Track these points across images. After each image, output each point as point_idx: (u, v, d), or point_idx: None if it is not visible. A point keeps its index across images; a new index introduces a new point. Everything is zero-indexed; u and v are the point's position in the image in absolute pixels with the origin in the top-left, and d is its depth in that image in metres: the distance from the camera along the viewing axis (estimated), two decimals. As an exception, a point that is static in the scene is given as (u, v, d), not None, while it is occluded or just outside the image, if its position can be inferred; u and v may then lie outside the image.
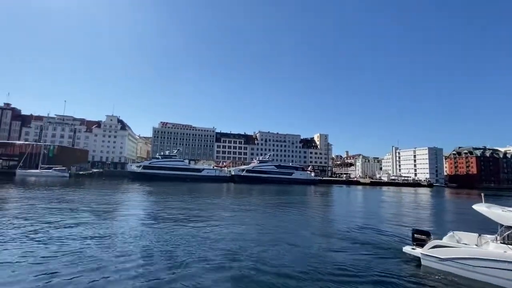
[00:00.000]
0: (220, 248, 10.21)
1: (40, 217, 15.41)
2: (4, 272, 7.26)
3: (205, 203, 25.91)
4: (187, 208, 21.31)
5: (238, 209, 22.37)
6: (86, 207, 19.94)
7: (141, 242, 10.82)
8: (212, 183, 65.18)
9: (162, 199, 28.60)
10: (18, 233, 11.60)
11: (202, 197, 31.84)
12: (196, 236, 11.96)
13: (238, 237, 12.26)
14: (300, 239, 12.58)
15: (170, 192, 36.78)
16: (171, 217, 16.88)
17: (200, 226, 14.46)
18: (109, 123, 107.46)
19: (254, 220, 17.09)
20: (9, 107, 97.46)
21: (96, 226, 13.71)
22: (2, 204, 20.39)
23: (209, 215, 18.22)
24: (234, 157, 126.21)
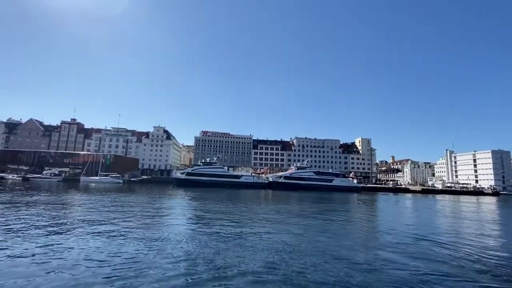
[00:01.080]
0: (260, 257, 10.04)
1: (99, 220, 17.20)
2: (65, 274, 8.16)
3: (244, 209, 26.22)
4: (227, 214, 21.79)
5: (277, 216, 22.16)
6: (137, 211, 21.67)
7: (185, 246, 11.25)
8: (250, 190, 65.96)
9: (204, 204, 29.74)
10: (80, 234, 13.06)
11: (241, 203, 32.33)
12: (236, 243, 12.01)
13: (278, 245, 11.99)
14: (345, 250, 11.84)
15: (211, 197, 38.12)
16: (212, 223, 17.41)
17: (239, 233, 14.49)
18: (156, 133, 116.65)
19: (293, 228, 16.67)
20: (74, 122, 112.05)
21: (145, 229, 14.78)
22: (71, 207, 23.31)
23: (248, 222, 18.35)
24: (271, 164, 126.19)
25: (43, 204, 23.60)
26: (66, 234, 12.76)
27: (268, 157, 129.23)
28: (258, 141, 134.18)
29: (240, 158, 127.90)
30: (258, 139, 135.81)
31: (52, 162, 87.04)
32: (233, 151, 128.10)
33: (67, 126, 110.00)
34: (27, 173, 77.56)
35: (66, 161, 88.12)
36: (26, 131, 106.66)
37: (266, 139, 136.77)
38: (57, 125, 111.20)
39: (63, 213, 19.74)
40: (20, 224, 14.64)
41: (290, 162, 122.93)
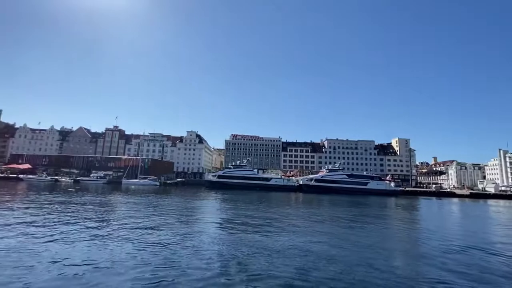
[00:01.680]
0: (291, 263, 9.78)
1: (139, 220, 18.38)
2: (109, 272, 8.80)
3: (275, 212, 26.11)
4: (258, 217, 21.87)
5: (308, 220, 21.69)
6: (173, 212, 22.75)
7: (218, 248, 11.48)
8: (280, 192, 65.53)
9: (235, 206, 30.22)
10: (122, 233, 14.06)
11: (272, 206, 32.25)
12: (267, 247, 11.88)
13: (310, 251, 11.59)
14: (384, 259, 11.05)
15: (242, 200, 38.62)
16: (243, 225, 17.61)
17: (270, 236, 14.38)
18: (189, 138, 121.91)
19: (326, 234, 16.11)
20: (117, 129, 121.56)
21: (180, 229, 15.45)
22: (115, 207, 25.29)
23: (279, 226, 18.20)
24: (301, 166, 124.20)
25: (91, 205, 25.95)
26: (110, 233, 13.83)
27: (297, 159, 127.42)
28: (287, 143, 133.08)
29: (270, 160, 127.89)
30: (287, 141, 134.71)
31: (98, 166, 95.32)
32: (262, 153, 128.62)
33: (111, 132, 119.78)
34: (78, 176, 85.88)
35: (110, 165, 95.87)
36: (76, 138, 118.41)
37: (295, 141, 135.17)
38: (102, 132, 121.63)
39: (108, 212, 21.49)
40: (71, 221, 16.25)
41: (321, 165, 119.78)
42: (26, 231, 13.25)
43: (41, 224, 15.07)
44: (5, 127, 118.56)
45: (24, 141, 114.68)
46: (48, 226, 14.72)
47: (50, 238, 11.95)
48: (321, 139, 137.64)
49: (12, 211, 19.56)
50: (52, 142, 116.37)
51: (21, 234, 12.59)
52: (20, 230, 13.30)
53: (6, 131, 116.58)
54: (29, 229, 13.64)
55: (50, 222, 15.95)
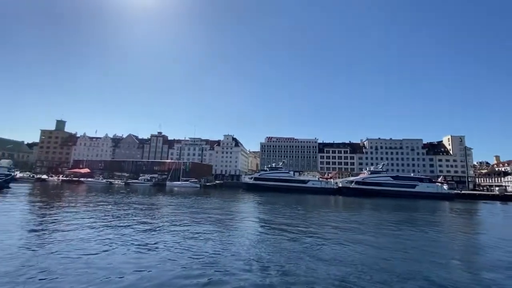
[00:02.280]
0: (334, 271, 9.26)
1: (183, 219, 19.44)
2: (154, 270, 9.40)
3: (313, 216, 25.47)
4: (296, 220, 21.55)
5: (350, 225, 20.68)
6: (213, 213, 23.59)
7: (257, 251, 11.52)
8: (317, 195, 63.72)
9: (272, 209, 30.21)
10: (168, 233, 14.99)
11: (310, 209, 31.52)
12: (307, 252, 11.54)
13: (352, 258, 10.89)
14: (443, 273, 9.85)
15: (278, 202, 38.44)
16: (282, 228, 17.46)
17: (309, 241, 13.96)
18: (226, 141, 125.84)
19: (371, 240, 15.05)
20: (160, 135, 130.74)
21: (220, 230, 15.95)
22: (161, 207, 27.17)
23: (319, 230, 17.68)
24: (340, 168, 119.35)
25: (140, 205, 28.25)
26: (156, 233, 14.87)
27: (335, 160, 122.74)
28: (324, 144, 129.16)
29: (306, 162, 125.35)
30: (324, 142, 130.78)
31: (145, 170, 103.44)
32: (298, 155, 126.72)
33: (155, 138, 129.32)
34: (128, 179, 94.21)
35: (155, 168, 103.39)
36: (126, 144, 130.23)
37: (332, 142, 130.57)
38: (148, 138, 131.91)
39: (155, 213, 23.16)
40: (124, 220, 17.89)
41: (362, 166, 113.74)
42: (87, 226, 14.96)
43: (97, 223, 16.87)
44: (69, 136, 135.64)
45: (84, 148, 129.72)
46: (103, 224, 16.42)
47: (104, 236, 13.31)
48: (360, 139, 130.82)
49: (79, 209, 22.26)
50: (106, 148, 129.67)
51: (84, 230, 14.26)
52: (84, 227, 15.06)
53: (69, 140, 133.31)
54: (88, 225, 15.38)
55: (105, 220, 17.76)
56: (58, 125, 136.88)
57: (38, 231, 13.92)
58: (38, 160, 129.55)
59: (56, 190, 48.31)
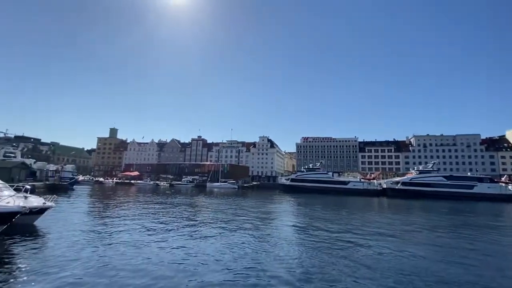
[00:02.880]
0: (381, 280, 8.75)
1: (224, 219, 20.25)
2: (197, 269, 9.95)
3: (355, 218, 24.42)
4: (338, 222, 20.91)
5: (396, 229, 19.36)
6: (252, 213, 24.09)
7: (297, 254, 11.40)
8: (359, 197, 60.61)
9: (311, 211, 29.70)
10: (209, 232, 15.75)
11: (352, 211, 30.25)
12: (348, 257, 11.08)
13: (401, 266, 10.09)
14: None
15: (317, 204, 37.62)
16: (322, 231, 17.11)
17: (352, 245, 13.36)
18: (261, 143, 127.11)
19: (422, 246, 13.83)
20: (200, 139, 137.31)
21: (260, 232, 16.26)
22: (203, 207, 28.62)
23: (362, 234, 16.87)
24: (383, 168, 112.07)
25: (184, 205, 30.11)
26: (199, 231, 15.76)
27: (378, 160, 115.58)
28: (365, 143, 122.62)
29: (346, 162, 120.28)
30: (365, 141, 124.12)
31: (187, 172, 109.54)
32: (337, 155, 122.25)
33: (195, 142, 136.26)
34: (172, 180, 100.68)
35: (196, 170, 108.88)
36: (170, 148, 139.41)
37: (374, 141, 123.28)
38: (189, 142, 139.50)
39: (198, 212, 24.50)
40: (170, 219, 19.30)
41: (408, 165, 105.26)
42: (141, 224, 16.51)
43: (149, 221, 18.48)
44: (120, 142, 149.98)
45: (133, 153, 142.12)
46: (154, 222, 17.93)
47: (155, 234, 14.56)
48: (406, 137, 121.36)
49: (133, 208, 24.65)
50: (152, 152, 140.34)
51: (138, 228, 15.78)
52: (138, 225, 16.66)
53: (121, 146, 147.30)
54: (142, 223, 16.95)
55: (156, 218, 19.37)
56: (111, 132, 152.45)
57: (99, 227, 15.81)
58: (95, 165, 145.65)
59: (112, 191, 53.84)
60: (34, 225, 14.60)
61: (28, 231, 13.27)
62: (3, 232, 11.29)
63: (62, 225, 15.61)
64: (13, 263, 9.12)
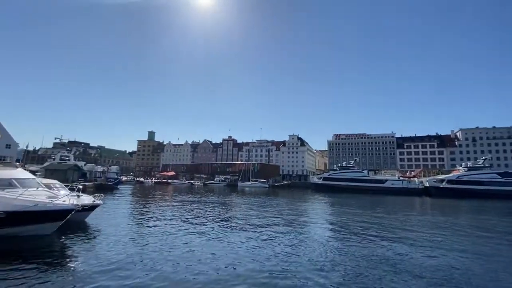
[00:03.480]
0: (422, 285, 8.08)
1: (256, 217, 20.38)
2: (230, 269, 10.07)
3: (396, 219, 22.91)
4: (376, 223, 19.80)
5: (444, 230, 17.79)
6: (284, 212, 23.92)
7: (331, 255, 10.95)
8: (398, 196, 56.83)
9: (346, 210, 28.58)
10: (242, 231, 15.94)
11: (391, 211, 28.45)
12: (389, 261, 10.39)
13: (449, 273, 9.25)
14: None
15: (352, 204, 36.08)
16: (358, 232, 16.34)
17: (394, 247, 12.56)
18: (291, 141, 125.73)
19: (474, 250, 12.56)
20: (230, 139, 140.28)
21: (292, 231, 16.04)
22: (237, 206, 29.16)
23: (404, 235, 15.77)
24: (425, 165, 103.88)
25: (218, 204, 30.97)
26: (233, 230, 16.02)
27: (419, 156, 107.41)
28: (403, 138, 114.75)
29: (382, 160, 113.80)
30: (403, 136, 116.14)
31: (219, 171, 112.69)
32: (372, 152, 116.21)
33: (226, 142, 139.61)
34: (205, 180, 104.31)
35: (227, 170, 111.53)
36: (202, 149, 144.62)
37: (414, 136, 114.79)
38: (220, 143, 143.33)
39: (231, 210, 25.00)
40: (206, 216, 19.95)
41: (454, 162, 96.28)
42: (180, 220, 17.34)
43: (187, 218, 19.32)
44: (158, 144, 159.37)
45: (169, 154, 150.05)
46: (188, 218, 18.69)
47: (187, 229, 15.15)
48: (451, 130, 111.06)
49: (172, 206, 26.04)
50: (187, 153, 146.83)
51: (177, 224, 16.59)
52: (177, 222, 17.53)
53: (158, 148, 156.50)
54: (180, 219, 17.78)
55: (190, 215, 20.18)
56: (149, 135, 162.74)
57: (142, 223, 16.94)
58: (136, 166, 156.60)
59: (151, 190, 57.44)
60: (85, 221, 16.13)
61: (80, 227, 14.72)
62: (60, 227, 12.64)
63: (109, 221, 17.06)
64: (70, 255, 10.21)
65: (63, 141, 67.98)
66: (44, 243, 11.40)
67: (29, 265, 8.59)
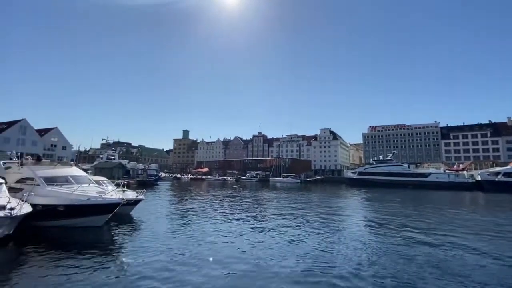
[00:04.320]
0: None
1: (289, 214, 20.21)
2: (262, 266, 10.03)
3: (445, 216, 21.05)
4: (422, 221, 18.37)
5: (498, 228, 15.89)
6: (317, 208, 23.37)
7: (369, 257, 10.12)
8: (444, 191, 52.09)
9: (385, 206, 26.98)
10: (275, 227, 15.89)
11: (436, 208, 26.18)
12: (434, 262, 9.49)
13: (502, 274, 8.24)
14: None
15: (393, 199, 33.95)
16: (398, 229, 15.27)
17: (441, 247, 11.38)
18: (323, 135, 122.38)
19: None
20: (261, 135, 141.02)
21: (327, 228, 15.59)
22: (269, 201, 29.28)
23: (455, 235, 14.37)
24: (476, 156, 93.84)
25: (251, 198, 31.39)
26: (266, 225, 16.07)
27: (468, 147, 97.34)
28: (449, 128, 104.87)
29: (424, 152, 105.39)
30: (449, 125, 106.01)
31: (250, 167, 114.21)
32: (412, 144, 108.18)
33: (256, 138, 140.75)
34: (237, 175, 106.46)
35: (258, 165, 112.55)
36: (233, 146, 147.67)
37: (462, 125, 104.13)
38: (250, 139, 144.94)
39: (264, 205, 25.15)
40: (239, 210, 20.32)
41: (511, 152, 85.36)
42: (218, 214, 17.92)
43: (221, 211, 19.88)
44: (192, 142, 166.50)
45: (203, 151, 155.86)
46: (224, 212, 19.19)
47: (223, 222, 15.53)
48: (508, 117, 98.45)
49: (209, 200, 27.07)
50: (219, 150, 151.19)
51: (215, 219, 17.16)
52: (215, 216, 18.15)
53: (192, 145, 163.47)
54: (215, 213, 18.36)
55: (226, 209, 20.71)
56: (184, 134, 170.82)
57: (182, 216, 17.85)
58: (173, 163, 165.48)
59: (188, 186, 60.30)
60: (130, 214, 17.46)
61: (126, 219, 15.97)
62: (109, 220, 13.86)
63: (151, 214, 18.29)
64: (118, 245, 11.17)
65: (108, 141, 74.41)
66: (95, 233, 12.67)
67: (83, 253, 9.52)
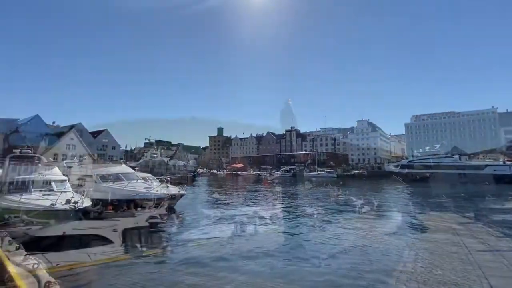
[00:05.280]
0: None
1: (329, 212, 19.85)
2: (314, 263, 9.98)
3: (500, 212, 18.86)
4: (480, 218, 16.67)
5: None
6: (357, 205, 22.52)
7: (415, 257, 9.47)
8: (503, 185, 46.14)
9: (432, 203, 24.95)
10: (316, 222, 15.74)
11: (497, 203, 23.46)
12: (485, 263, 8.58)
13: None
14: None
15: (440, 194, 31.17)
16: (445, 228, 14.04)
17: (493, 247, 10.22)
18: (360, 127, 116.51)
19: None
20: (293, 129, 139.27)
21: (370, 224, 15.01)
22: (307, 197, 29.04)
23: None
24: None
25: (286, 193, 31.46)
26: (305, 221, 16.00)
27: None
28: (510, 114, 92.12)
29: (479, 142, 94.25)
30: (509, 111, 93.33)
31: (284, 162, 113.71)
32: (464, 134, 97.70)
33: (289, 133, 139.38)
34: (271, 170, 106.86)
35: (292, 160, 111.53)
36: (266, 141, 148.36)
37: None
38: (283, 134, 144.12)
39: (301, 201, 25.06)
40: (276, 204, 20.52)
41: None
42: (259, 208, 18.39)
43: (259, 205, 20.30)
44: (226, 139, 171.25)
45: (237, 148, 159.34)
46: (262, 207, 19.55)
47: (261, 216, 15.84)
48: None
49: (243, 195, 27.89)
50: (252, 146, 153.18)
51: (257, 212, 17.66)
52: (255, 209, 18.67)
53: (227, 142, 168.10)
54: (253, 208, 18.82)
55: (263, 203, 21.08)
56: (218, 131, 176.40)
57: (223, 210, 18.70)
58: (209, 159, 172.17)
59: (225, 181, 62.54)
60: (174, 208, 18.79)
61: (171, 213, 17.23)
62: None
63: (194, 207, 19.56)
64: (165, 236, 12.17)
65: (151, 140, 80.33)
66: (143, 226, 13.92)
67: (130, 246, 10.59)
